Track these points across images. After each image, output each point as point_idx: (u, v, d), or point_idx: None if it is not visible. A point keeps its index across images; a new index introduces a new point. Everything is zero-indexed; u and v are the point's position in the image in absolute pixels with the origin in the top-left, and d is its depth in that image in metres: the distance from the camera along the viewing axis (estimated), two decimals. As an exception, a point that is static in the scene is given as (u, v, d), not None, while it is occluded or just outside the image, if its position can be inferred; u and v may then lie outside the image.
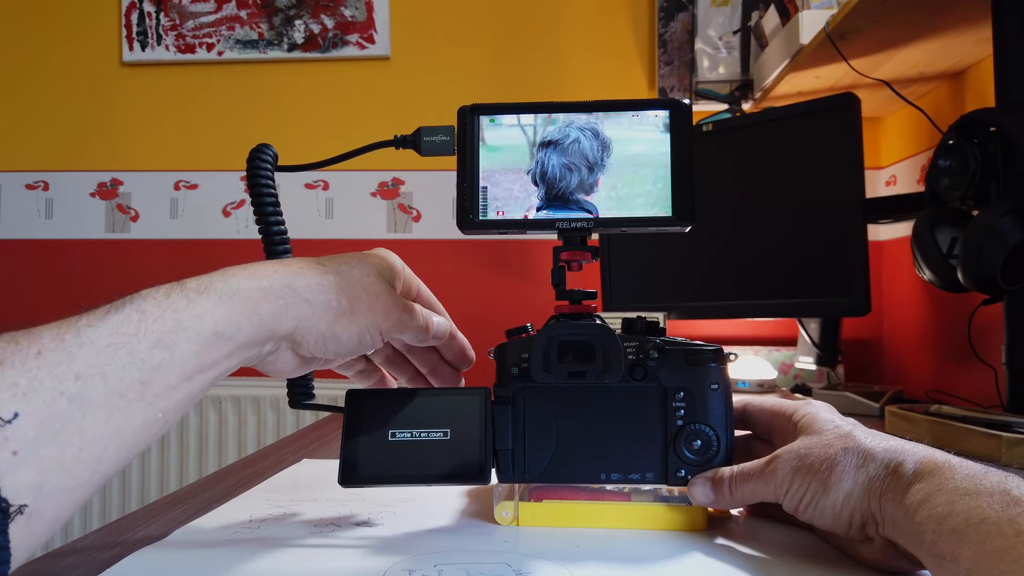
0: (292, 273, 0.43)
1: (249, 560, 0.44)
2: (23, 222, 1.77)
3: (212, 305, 0.39)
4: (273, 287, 0.42)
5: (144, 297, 0.37)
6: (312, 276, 0.44)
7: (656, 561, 0.44)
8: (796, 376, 1.48)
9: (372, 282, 0.46)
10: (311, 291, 0.43)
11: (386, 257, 0.50)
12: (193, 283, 0.39)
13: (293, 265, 0.44)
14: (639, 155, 0.50)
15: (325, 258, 0.46)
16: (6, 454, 0.30)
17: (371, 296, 0.46)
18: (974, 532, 0.33)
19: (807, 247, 1.15)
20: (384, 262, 0.49)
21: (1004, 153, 0.89)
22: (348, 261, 0.47)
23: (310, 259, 0.45)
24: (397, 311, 0.47)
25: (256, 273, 0.42)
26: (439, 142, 0.52)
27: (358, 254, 0.48)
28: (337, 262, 0.46)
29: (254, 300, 0.41)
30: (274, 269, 0.43)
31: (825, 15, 1.16)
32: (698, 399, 0.50)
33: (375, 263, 0.48)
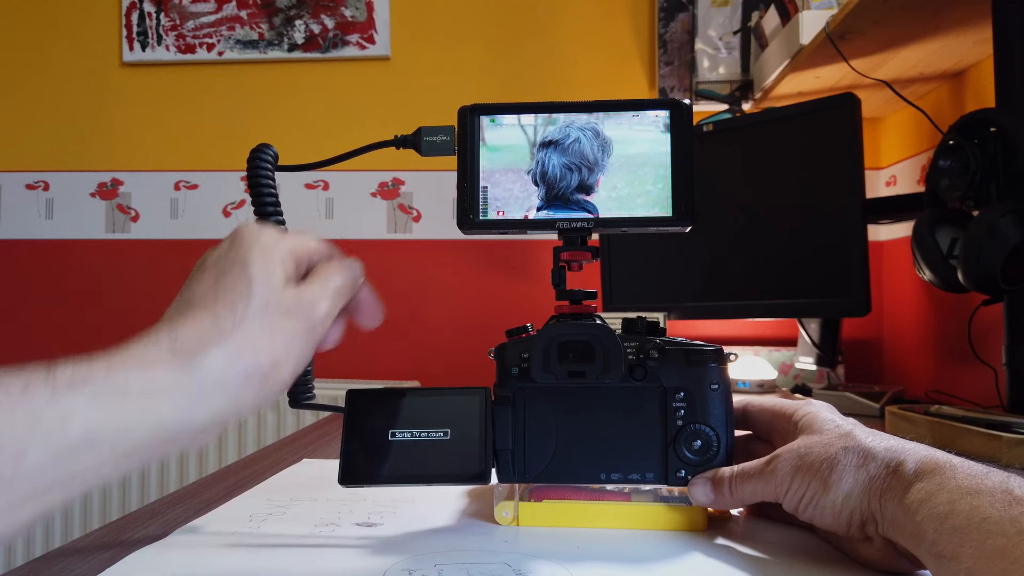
0: (189, 354, 0.34)
1: (249, 560, 0.44)
2: (23, 222, 1.77)
3: (85, 404, 0.30)
4: (174, 378, 0.33)
5: (12, 375, 0.31)
6: (213, 353, 0.35)
7: (656, 561, 0.44)
8: (796, 376, 1.48)
9: (273, 307, 0.38)
10: (221, 372, 0.35)
11: (257, 244, 0.40)
12: (67, 370, 0.31)
13: (184, 339, 0.35)
14: (639, 155, 0.50)
15: (212, 292, 0.37)
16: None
17: (288, 332, 0.38)
18: (975, 531, 0.33)
19: (807, 247, 1.15)
20: (263, 255, 0.39)
21: (1004, 153, 0.89)
22: (243, 295, 0.37)
23: (201, 315, 0.36)
24: (311, 323, 0.40)
25: (149, 358, 0.33)
26: (439, 142, 0.52)
27: (240, 269, 0.38)
28: (230, 303, 0.37)
29: (152, 398, 0.32)
30: (163, 357, 0.34)
31: (825, 15, 1.16)
32: (698, 399, 0.50)
33: (262, 272, 0.38)
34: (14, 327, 1.75)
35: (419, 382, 1.63)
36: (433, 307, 1.69)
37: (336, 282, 0.42)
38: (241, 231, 0.40)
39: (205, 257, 0.40)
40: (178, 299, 0.39)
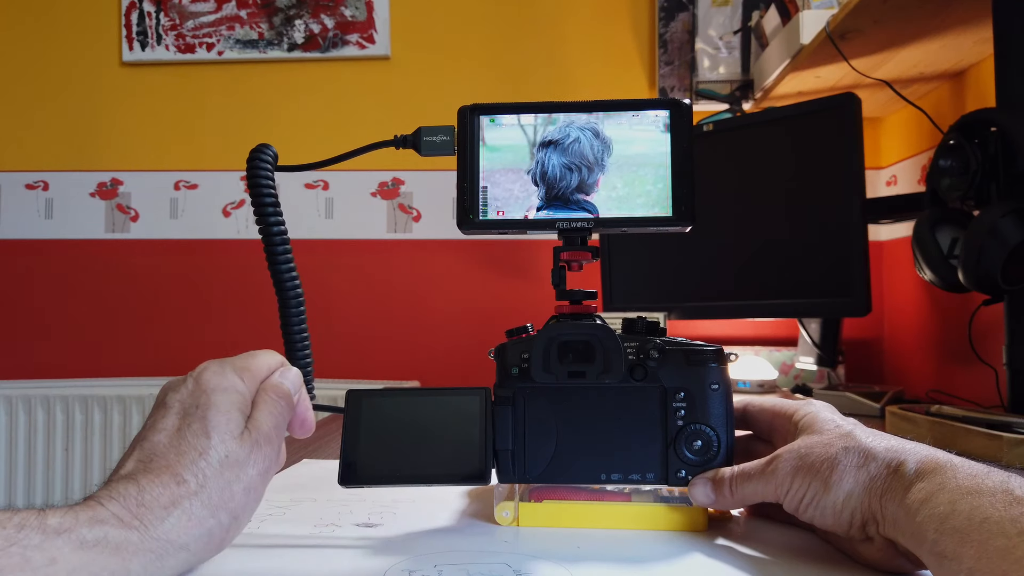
0: (158, 519, 0.36)
1: (249, 560, 0.44)
2: (23, 222, 1.77)
3: (71, 551, 0.33)
4: (143, 539, 0.35)
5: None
6: (178, 516, 0.37)
7: (656, 561, 0.44)
8: (797, 376, 1.48)
9: (233, 459, 0.40)
10: (185, 534, 0.37)
11: (219, 391, 0.42)
12: (55, 519, 0.34)
13: (150, 501, 0.37)
14: (639, 155, 0.50)
15: (175, 445, 0.39)
16: None
17: (247, 481, 0.40)
18: (976, 531, 0.33)
19: (807, 247, 1.15)
20: (223, 403, 0.41)
21: (1005, 153, 0.89)
22: (204, 452, 0.39)
23: (165, 476, 0.38)
24: (269, 461, 0.42)
25: (122, 518, 0.36)
26: (439, 142, 0.52)
27: (201, 422, 0.40)
28: (193, 462, 0.39)
29: (124, 555, 0.34)
30: (135, 513, 0.36)
31: (826, 15, 1.16)
32: (698, 399, 0.50)
33: (223, 424, 0.40)
34: (14, 327, 1.75)
35: (419, 382, 1.63)
36: (433, 307, 1.69)
37: (281, 407, 0.44)
38: (203, 376, 0.42)
39: (167, 397, 0.42)
40: (141, 446, 0.40)
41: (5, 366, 1.73)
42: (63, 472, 1.64)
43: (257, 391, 0.44)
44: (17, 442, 1.64)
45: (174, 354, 1.71)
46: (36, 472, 1.64)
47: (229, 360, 0.44)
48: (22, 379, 1.68)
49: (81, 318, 1.74)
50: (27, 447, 1.65)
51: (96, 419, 1.64)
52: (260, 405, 0.43)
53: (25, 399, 1.64)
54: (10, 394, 1.64)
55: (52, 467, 1.64)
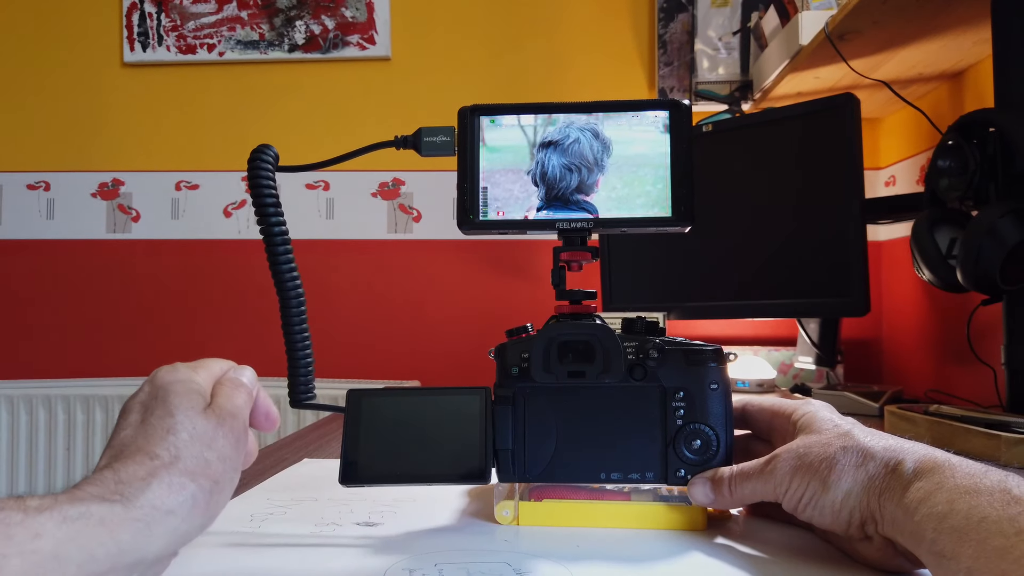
0: (135, 490, 0.36)
1: (249, 560, 0.45)
2: (24, 222, 1.77)
3: (55, 526, 0.32)
4: (127, 509, 0.35)
5: None
6: (156, 485, 0.37)
7: (656, 561, 0.44)
8: (795, 376, 1.48)
9: (201, 433, 0.41)
10: (167, 499, 0.37)
11: (174, 381, 0.43)
12: (35, 501, 0.33)
13: (127, 477, 0.37)
14: (639, 155, 0.50)
15: (142, 432, 0.40)
16: None
17: (220, 451, 0.41)
18: (974, 531, 0.33)
19: (806, 247, 1.15)
20: (181, 389, 0.42)
21: (1003, 154, 0.89)
22: (171, 429, 0.40)
23: (137, 456, 0.38)
24: (244, 427, 0.44)
25: (103, 493, 0.36)
26: (439, 142, 0.52)
27: (162, 407, 0.41)
28: (162, 439, 0.39)
29: (109, 526, 0.34)
30: (114, 491, 0.36)
31: (825, 16, 1.16)
32: (698, 399, 0.50)
33: (183, 405, 0.41)
34: (14, 327, 1.76)
35: (419, 382, 1.63)
36: (433, 307, 1.69)
37: (241, 391, 0.45)
38: (157, 375, 0.44)
39: (128, 404, 0.43)
40: (111, 444, 0.40)
41: (6, 366, 1.73)
42: (64, 472, 1.65)
43: (213, 384, 0.45)
44: (18, 442, 1.64)
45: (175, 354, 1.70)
46: (37, 472, 1.64)
47: (183, 366, 0.46)
48: (23, 379, 1.68)
49: (82, 318, 1.74)
50: (28, 447, 1.65)
51: (97, 419, 1.64)
52: (218, 391, 0.45)
53: (26, 399, 1.64)
54: (11, 394, 1.65)
55: (53, 467, 1.64)
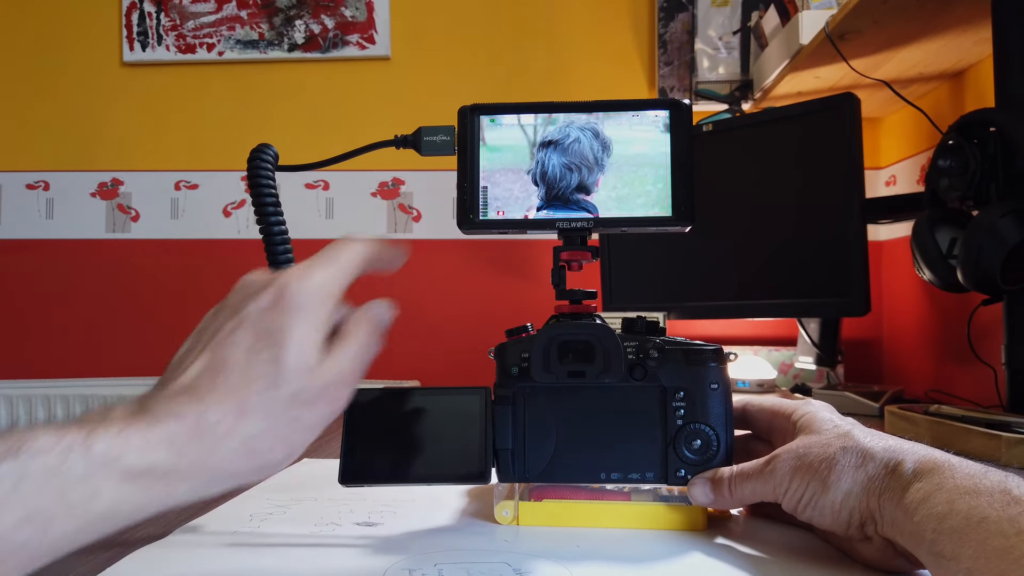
0: (209, 447, 0.34)
1: (249, 560, 0.45)
2: (24, 222, 1.77)
3: (114, 484, 0.31)
4: (192, 465, 0.34)
5: (35, 454, 0.30)
6: (234, 447, 0.35)
7: (656, 561, 0.44)
8: (796, 376, 1.48)
9: (308, 395, 0.37)
10: (237, 464, 0.35)
11: (301, 313, 0.37)
12: (102, 444, 0.31)
13: (206, 427, 0.34)
14: (639, 155, 0.50)
15: (245, 364, 0.36)
16: None
17: (311, 420, 0.37)
18: (974, 531, 0.33)
19: (807, 247, 1.15)
20: (304, 327, 0.37)
21: (1004, 153, 0.89)
22: (275, 382, 0.36)
23: (228, 398, 0.35)
24: (341, 403, 0.39)
25: (173, 441, 0.33)
26: (439, 142, 0.52)
27: (277, 347, 0.36)
28: (261, 391, 0.36)
29: (169, 482, 0.33)
30: (189, 439, 0.34)
31: (825, 15, 1.16)
32: (698, 399, 0.50)
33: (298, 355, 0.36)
34: (14, 327, 1.75)
35: (419, 382, 1.63)
36: (433, 307, 1.69)
37: (367, 350, 0.40)
38: (288, 290, 0.38)
39: (245, 303, 0.38)
40: (212, 351, 0.37)
41: (5, 365, 1.73)
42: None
43: (349, 319, 0.40)
44: (17, 442, 1.64)
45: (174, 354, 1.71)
46: (36, 472, 1.64)
47: (319, 275, 0.39)
48: (23, 379, 1.68)
49: (81, 318, 1.74)
50: (27, 447, 1.65)
51: (96, 419, 1.64)
52: (346, 339, 0.39)
53: (26, 399, 1.64)
54: (11, 394, 1.64)
55: (52, 467, 1.64)
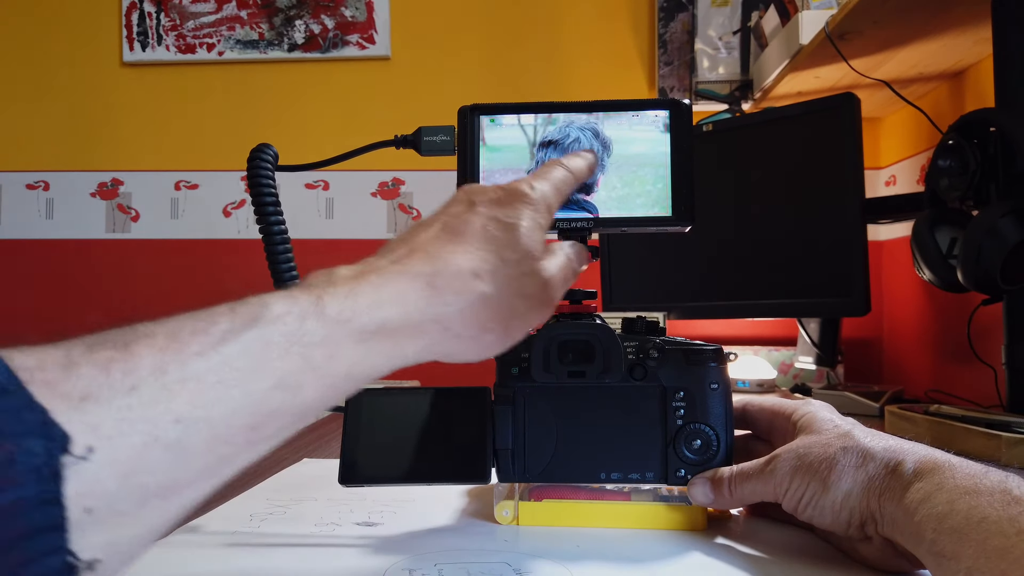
0: (442, 302, 0.35)
1: (249, 560, 0.45)
2: (24, 222, 1.77)
3: (352, 345, 0.32)
4: (422, 321, 0.34)
5: (273, 320, 0.30)
6: (463, 306, 0.36)
7: (656, 561, 0.44)
8: (796, 376, 1.48)
9: (528, 282, 0.38)
10: (462, 323, 0.36)
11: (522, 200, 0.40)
12: (334, 306, 0.32)
13: (440, 283, 0.35)
14: (639, 155, 0.50)
15: (483, 239, 0.37)
16: (78, 510, 0.24)
17: (525, 309, 0.38)
18: (975, 531, 0.33)
19: (807, 247, 1.15)
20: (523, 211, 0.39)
21: (1004, 153, 0.89)
22: (500, 251, 0.37)
23: (462, 259, 0.36)
24: (550, 308, 0.41)
25: (405, 299, 0.34)
26: (439, 142, 0.52)
27: (513, 237, 0.38)
28: (486, 252, 0.37)
29: (398, 339, 0.34)
30: (421, 295, 0.35)
31: (825, 15, 1.16)
32: (698, 399, 0.50)
33: (521, 231, 0.38)
34: (14, 327, 1.75)
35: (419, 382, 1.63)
36: (433, 307, 1.69)
37: (571, 267, 0.43)
38: (515, 189, 0.40)
39: (474, 198, 0.40)
40: (444, 226, 0.38)
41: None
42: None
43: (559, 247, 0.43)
44: (17, 442, 1.64)
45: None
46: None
47: (540, 184, 0.42)
48: (22, 379, 1.68)
49: (81, 318, 1.74)
50: (27, 447, 1.65)
51: (96, 419, 1.64)
52: (558, 249, 0.42)
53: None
54: (10, 394, 1.64)
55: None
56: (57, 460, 0.23)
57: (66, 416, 0.24)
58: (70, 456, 0.24)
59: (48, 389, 0.24)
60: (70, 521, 0.24)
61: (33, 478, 0.23)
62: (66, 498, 0.23)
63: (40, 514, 0.23)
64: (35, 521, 0.23)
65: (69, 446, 0.24)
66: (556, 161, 0.45)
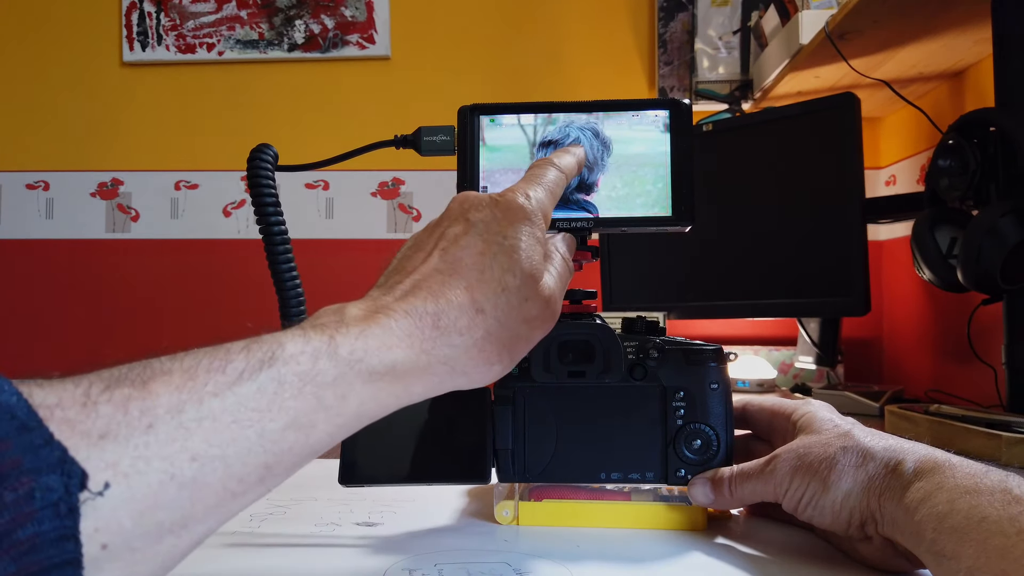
0: (447, 343, 0.36)
1: (249, 560, 0.45)
2: (23, 222, 1.77)
3: (362, 385, 0.32)
4: (430, 364, 0.35)
5: (287, 360, 0.30)
6: (469, 345, 0.36)
7: (656, 561, 0.44)
8: (796, 376, 1.48)
9: (531, 306, 0.38)
10: (468, 361, 0.37)
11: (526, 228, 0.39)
12: (346, 347, 0.32)
13: (445, 322, 0.36)
14: (639, 155, 0.50)
15: (477, 267, 0.37)
16: (95, 547, 0.24)
17: (528, 333, 0.39)
18: (975, 531, 0.33)
19: (807, 247, 1.15)
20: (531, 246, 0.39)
21: (1004, 153, 0.89)
22: (507, 290, 0.37)
23: (463, 298, 0.37)
24: (551, 323, 0.41)
25: (412, 341, 0.35)
26: (439, 142, 0.52)
27: (508, 260, 0.38)
28: (495, 294, 0.37)
29: (407, 380, 0.35)
30: (428, 335, 0.35)
31: (825, 15, 1.16)
32: (698, 399, 0.50)
33: (521, 255, 0.38)
34: (13, 327, 1.75)
35: (419, 382, 1.63)
36: (433, 307, 1.69)
37: (566, 274, 0.43)
38: (511, 203, 0.40)
39: (469, 213, 0.40)
40: (443, 255, 0.38)
41: (5, 366, 1.73)
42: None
43: (548, 243, 0.43)
44: (17, 442, 1.64)
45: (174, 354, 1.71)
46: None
47: (536, 193, 0.42)
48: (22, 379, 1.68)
49: (81, 318, 1.74)
50: (27, 447, 1.64)
51: (96, 419, 1.64)
52: (551, 260, 0.42)
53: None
54: (10, 394, 1.64)
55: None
56: (75, 497, 0.24)
57: (85, 453, 0.24)
58: (87, 492, 0.24)
59: (68, 427, 0.25)
60: (86, 557, 0.24)
61: (51, 514, 0.23)
62: (82, 535, 0.24)
63: (57, 550, 0.23)
64: (52, 557, 0.23)
65: (87, 483, 0.24)
66: (547, 160, 0.45)
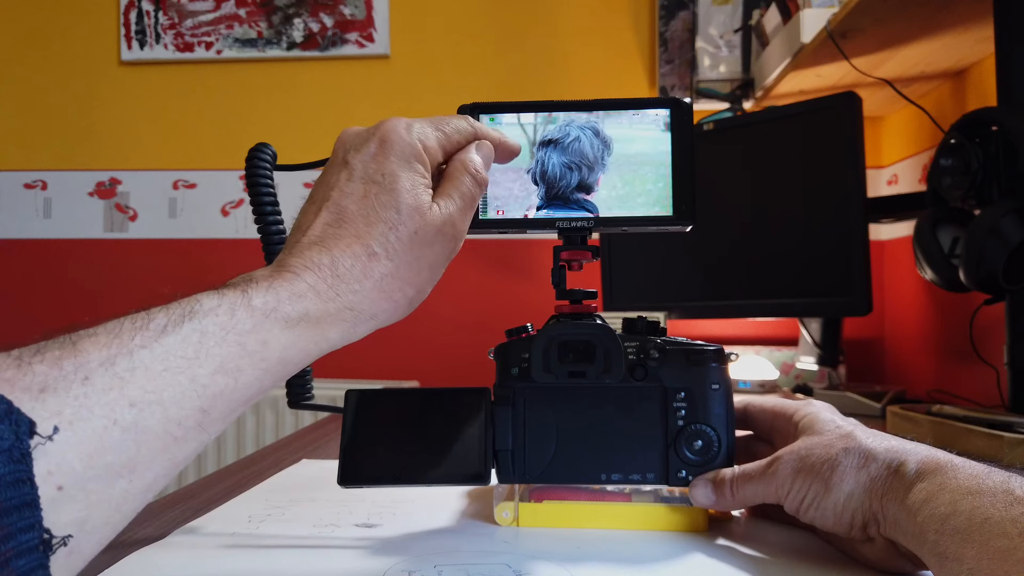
0: (349, 289, 0.38)
1: (248, 560, 0.44)
2: (21, 221, 1.77)
3: (280, 332, 0.35)
4: (338, 310, 0.38)
5: (206, 313, 0.33)
6: (369, 288, 0.39)
7: (657, 562, 0.44)
8: (797, 376, 1.48)
9: (424, 235, 0.40)
10: (375, 305, 0.39)
11: (404, 158, 0.41)
12: (258, 299, 0.35)
13: (342, 270, 0.38)
14: (640, 154, 0.49)
15: (362, 211, 0.39)
16: (50, 488, 0.26)
17: (432, 259, 0.41)
18: (977, 532, 0.33)
19: (808, 246, 1.15)
20: (410, 170, 0.40)
21: (1006, 152, 0.88)
22: (394, 225, 0.39)
23: (355, 245, 0.38)
24: (456, 242, 0.42)
25: (317, 290, 0.37)
26: (439, 141, 0.51)
27: (389, 191, 0.39)
28: (383, 234, 0.39)
29: (322, 326, 0.37)
30: (330, 284, 0.37)
31: (826, 13, 1.15)
32: (699, 399, 0.50)
33: (410, 196, 0.40)
34: (12, 327, 1.75)
35: (419, 382, 1.63)
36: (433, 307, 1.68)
37: (469, 190, 0.43)
38: (390, 141, 0.41)
39: (348, 156, 0.41)
40: (328, 207, 0.40)
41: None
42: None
43: (448, 165, 0.43)
44: (16, 441, 1.64)
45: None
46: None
47: (417, 124, 0.42)
48: (21, 378, 1.68)
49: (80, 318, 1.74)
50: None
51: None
52: (448, 184, 0.42)
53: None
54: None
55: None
56: (25, 442, 0.26)
57: (28, 406, 0.26)
58: (37, 437, 0.26)
59: (8, 384, 0.27)
60: (43, 499, 0.26)
61: (4, 459, 0.25)
62: (37, 477, 0.26)
63: (14, 492, 0.25)
64: (11, 499, 0.25)
65: (35, 429, 0.26)
66: (465, 117, 0.45)
